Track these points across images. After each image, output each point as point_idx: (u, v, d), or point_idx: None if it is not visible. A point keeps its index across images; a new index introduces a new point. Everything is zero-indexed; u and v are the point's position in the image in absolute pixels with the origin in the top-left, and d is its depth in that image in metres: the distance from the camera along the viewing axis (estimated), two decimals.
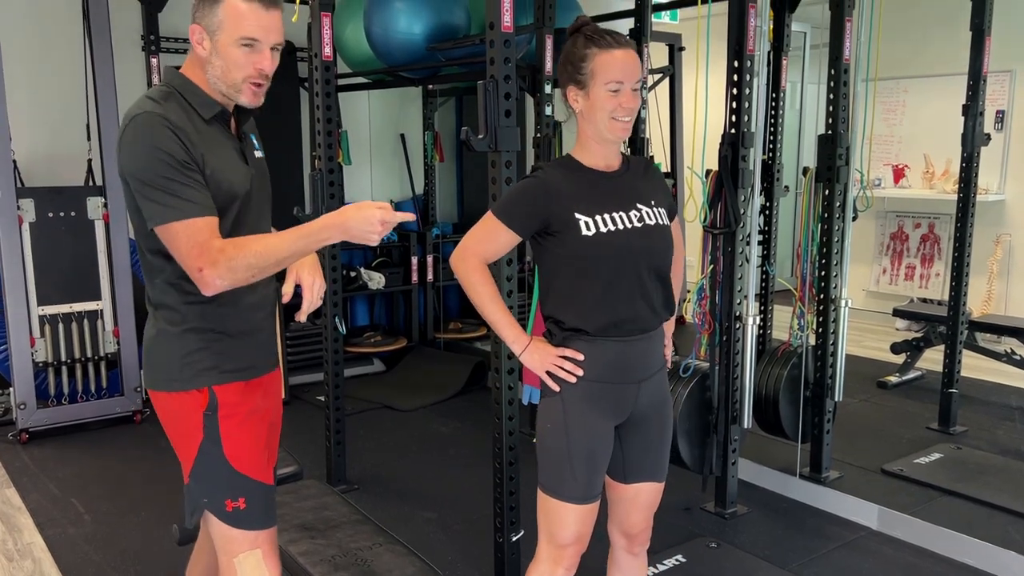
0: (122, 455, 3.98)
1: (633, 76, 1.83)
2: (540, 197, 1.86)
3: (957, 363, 4.18)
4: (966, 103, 4.05)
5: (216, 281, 1.62)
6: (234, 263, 1.60)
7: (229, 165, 1.75)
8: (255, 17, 1.68)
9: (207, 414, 1.78)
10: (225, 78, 1.72)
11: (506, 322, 1.96)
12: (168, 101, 1.71)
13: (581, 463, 1.89)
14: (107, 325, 4.31)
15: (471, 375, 4.91)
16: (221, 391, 1.79)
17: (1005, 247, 5.95)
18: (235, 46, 1.69)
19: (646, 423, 1.96)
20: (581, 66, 1.85)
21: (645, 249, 1.88)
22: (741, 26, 3.04)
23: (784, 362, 3.60)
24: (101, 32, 4.18)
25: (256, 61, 1.71)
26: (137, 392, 4.34)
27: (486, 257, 1.94)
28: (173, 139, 1.63)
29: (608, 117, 1.84)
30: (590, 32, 1.85)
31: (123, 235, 4.29)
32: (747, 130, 3.10)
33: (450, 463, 3.90)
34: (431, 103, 5.64)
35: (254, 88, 1.74)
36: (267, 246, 1.63)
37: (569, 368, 1.88)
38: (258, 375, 1.88)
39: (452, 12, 4.30)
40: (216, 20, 1.68)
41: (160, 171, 1.62)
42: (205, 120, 1.73)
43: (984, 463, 3.74)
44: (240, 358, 1.83)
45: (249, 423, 1.83)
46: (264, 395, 1.90)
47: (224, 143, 1.77)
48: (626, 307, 1.87)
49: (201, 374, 1.78)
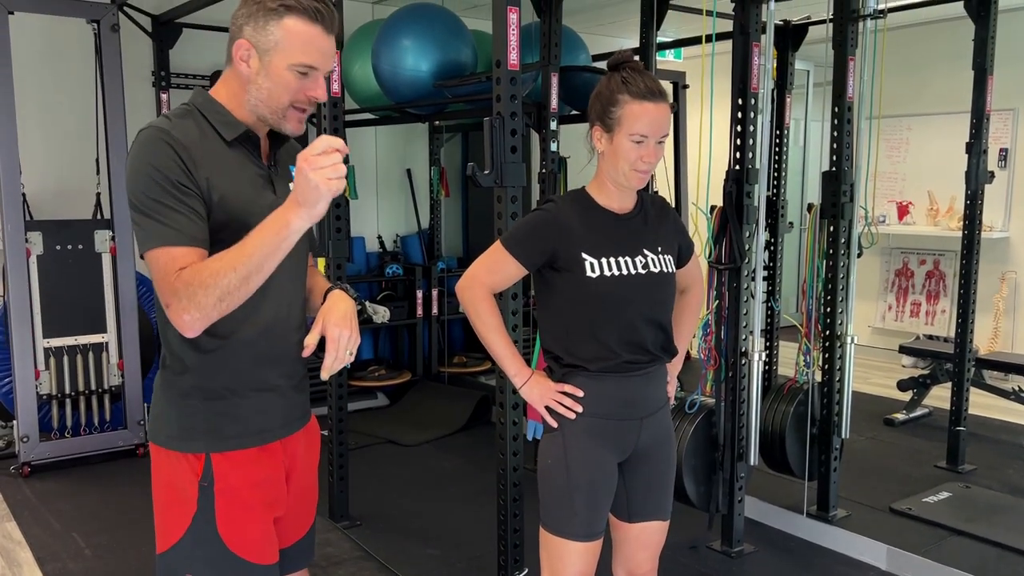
0: (124, 489, 3.95)
1: (660, 131, 1.83)
2: (550, 232, 1.87)
3: (965, 401, 4.15)
4: (970, 141, 4.07)
5: (184, 316, 1.40)
6: (192, 289, 1.38)
7: (246, 191, 1.55)
8: (316, 42, 1.51)
9: (202, 485, 1.56)
10: (270, 102, 1.54)
11: (508, 354, 1.96)
12: (184, 119, 1.53)
13: (583, 499, 1.88)
14: (112, 358, 4.31)
15: (475, 410, 4.89)
16: (220, 460, 1.57)
17: (1011, 284, 5.94)
18: (290, 70, 1.51)
19: (649, 460, 1.95)
20: (611, 109, 1.84)
21: (645, 298, 1.88)
22: (745, 64, 3.07)
23: (790, 399, 3.58)
24: (112, 67, 4.24)
25: (309, 88, 1.54)
26: (140, 425, 4.33)
27: (493, 286, 1.94)
28: (171, 157, 1.45)
29: (628, 167, 1.84)
30: (627, 75, 1.84)
31: (130, 268, 4.30)
32: (751, 166, 3.12)
33: (453, 500, 3.87)
34: (437, 139, 5.69)
35: (299, 115, 1.57)
36: (224, 259, 1.39)
37: (568, 404, 1.87)
38: (274, 439, 1.64)
39: (459, 50, 4.35)
40: (271, 39, 1.49)
41: (150, 191, 1.44)
42: (227, 142, 1.55)
43: (994, 502, 3.69)
44: (248, 421, 1.60)
45: (252, 498, 1.60)
46: (282, 460, 1.67)
47: (246, 168, 1.58)
48: (622, 348, 1.87)
49: (199, 437, 1.57)
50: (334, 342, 1.57)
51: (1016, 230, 5.95)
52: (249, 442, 1.60)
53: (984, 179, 4.08)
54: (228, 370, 1.58)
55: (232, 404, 1.59)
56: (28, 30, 4.36)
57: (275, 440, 1.65)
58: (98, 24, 4.24)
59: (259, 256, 1.39)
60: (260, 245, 1.39)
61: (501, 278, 1.95)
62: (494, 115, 2.48)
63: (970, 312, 4.15)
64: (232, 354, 1.57)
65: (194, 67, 4.97)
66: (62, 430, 4.23)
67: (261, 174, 1.61)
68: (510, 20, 2.45)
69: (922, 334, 6.32)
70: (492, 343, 1.95)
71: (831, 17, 3.36)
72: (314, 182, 1.34)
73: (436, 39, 4.28)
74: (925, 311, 6.46)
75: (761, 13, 3.04)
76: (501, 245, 1.92)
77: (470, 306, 1.95)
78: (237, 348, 1.57)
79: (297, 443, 1.71)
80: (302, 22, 1.49)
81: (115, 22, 4.24)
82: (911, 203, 6.46)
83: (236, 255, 1.39)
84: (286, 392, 1.67)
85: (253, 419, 1.61)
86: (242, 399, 1.60)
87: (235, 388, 1.59)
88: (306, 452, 1.75)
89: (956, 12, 4.57)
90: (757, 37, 3.05)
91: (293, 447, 1.70)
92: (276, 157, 1.66)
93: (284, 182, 1.64)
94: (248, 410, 1.61)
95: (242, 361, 1.59)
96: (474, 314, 1.95)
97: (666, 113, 1.84)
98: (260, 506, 1.62)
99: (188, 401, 1.58)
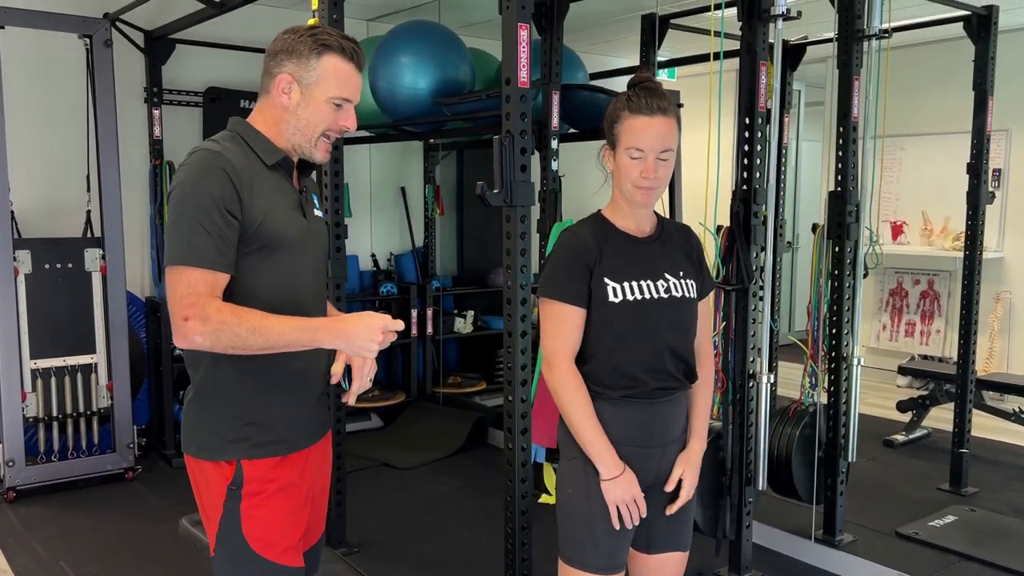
0: (113, 515, 3.84)
1: (657, 145, 1.78)
2: (584, 258, 1.82)
3: (968, 423, 4.11)
4: (971, 161, 4.07)
5: (196, 337, 1.54)
6: (223, 328, 1.53)
7: (284, 211, 1.69)
8: (351, 79, 1.69)
9: (231, 488, 1.67)
10: (307, 130, 1.70)
11: (601, 444, 1.80)
12: (232, 143, 1.68)
13: (604, 530, 1.81)
14: (101, 379, 4.21)
15: (471, 431, 4.81)
16: (250, 467, 1.68)
17: (1006, 304, 5.94)
18: (328, 103, 1.68)
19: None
20: (613, 127, 1.83)
21: (668, 321, 1.83)
22: (752, 83, 3.04)
23: (796, 422, 3.53)
24: (105, 83, 4.17)
25: (342, 118, 1.71)
26: (130, 448, 4.22)
27: (573, 348, 1.83)
28: (225, 182, 1.59)
29: (630, 184, 1.81)
30: (633, 92, 1.82)
31: (120, 287, 4.21)
32: (759, 186, 3.08)
33: (453, 524, 3.78)
34: (432, 156, 5.64)
35: (327, 144, 1.73)
36: (263, 324, 1.55)
37: (636, 514, 1.81)
38: (298, 448, 1.75)
39: (457, 68, 4.31)
40: (313, 74, 1.67)
41: (196, 210, 1.57)
42: (267, 166, 1.69)
43: (1000, 526, 3.65)
44: (276, 431, 1.71)
45: (275, 501, 1.70)
46: (304, 468, 1.77)
47: (283, 191, 1.72)
48: (647, 375, 1.82)
49: (229, 446, 1.68)
50: (359, 370, 1.72)
51: (1010, 250, 5.95)
52: (278, 450, 1.71)
53: (986, 199, 4.07)
54: (258, 383, 1.68)
55: (262, 415, 1.69)
56: (18, 45, 4.28)
57: (301, 449, 1.75)
58: (90, 39, 4.17)
59: (283, 346, 1.57)
60: (290, 339, 1.57)
61: (572, 332, 1.82)
62: (503, 133, 2.43)
63: (972, 333, 4.13)
64: (264, 368, 1.67)
65: (187, 83, 4.91)
66: (49, 454, 4.12)
67: (295, 198, 1.75)
68: (520, 37, 2.41)
69: (917, 354, 6.30)
70: (581, 429, 1.81)
71: (836, 36, 3.35)
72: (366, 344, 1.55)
73: (435, 56, 4.24)
74: (920, 331, 6.45)
75: (769, 32, 3.02)
76: (548, 299, 1.84)
77: (557, 388, 1.83)
78: (269, 363, 1.66)
79: (316, 454, 1.82)
80: (341, 60, 1.68)
81: (108, 37, 4.18)
82: (905, 223, 6.47)
83: (269, 329, 1.55)
84: (312, 404, 1.79)
85: (282, 428, 1.72)
86: (271, 410, 1.70)
87: (264, 400, 1.69)
88: (321, 464, 1.85)
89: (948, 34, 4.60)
90: (764, 56, 3.02)
91: (313, 457, 1.80)
92: (304, 184, 1.80)
93: (310, 208, 1.80)
94: (278, 420, 1.71)
95: (273, 376, 1.69)
96: (562, 394, 1.82)
97: (664, 127, 1.79)
98: (286, 510, 1.71)
99: (220, 413, 1.68)
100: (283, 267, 1.69)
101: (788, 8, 2.97)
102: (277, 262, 1.68)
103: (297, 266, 1.72)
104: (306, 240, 1.74)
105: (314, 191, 1.86)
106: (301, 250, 1.73)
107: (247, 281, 1.65)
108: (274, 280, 1.67)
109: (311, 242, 1.76)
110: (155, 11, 4.59)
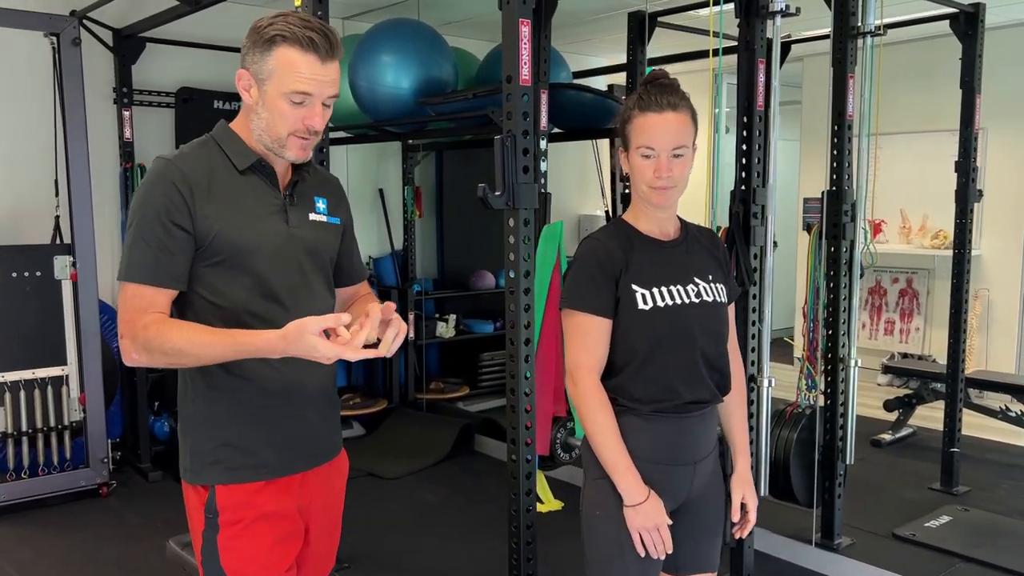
0: (89, 533, 3.68)
1: (669, 143, 1.69)
2: (610, 266, 1.72)
3: (958, 421, 4.10)
4: (959, 159, 4.06)
5: (132, 355, 1.48)
6: (150, 345, 1.46)
7: (249, 219, 1.56)
8: (310, 69, 1.50)
9: (207, 516, 1.56)
10: (270, 131, 1.55)
11: (625, 466, 1.70)
12: (198, 150, 1.58)
13: (635, 556, 1.72)
14: (73, 391, 4.04)
15: (457, 438, 4.71)
16: (225, 492, 1.55)
17: (984, 302, 5.98)
18: (283, 99, 1.52)
19: (702, 507, 1.81)
20: (625, 128, 1.75)
21: (701, 327, 1.75)
22: (751, 82, 2.98)
23: (793, 424, 3.48)
24: (73, 84, 4.00)
25: (305, 116, 1.53)
26: (104, 463, 4.06)
27: (600, 362, 1.73)
28: (170, 192, 1.50)
29: (645, 185, 1.73)
30: (644, 90, 1.73)
31: (92, 296, 4.04)
32: (758, 186, 3.02)
33: (444, 536, 3.68)
34: (411, 157, 5.52)
35: (301, 142, 1.56)
36: (189, 342, 1.44)
37: (661, 544, 1.70)
38: (284, 473, 1.60)
39: (440, 67, 4.21)
40: (266, 68, 1.52)
41: (140, 224, 1.50)
42: (239, 170, 1.57)
43: (996, 526, 3.64)
44: (256, 454, 1.57)
45: (256, 532, 1.56)
46: (299, 496, 1.63)
47: (258, 196, 1.59)
48: (681, 384, 1.73)
49: (204, 469, 1.57)
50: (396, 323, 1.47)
51: (988, 248, 5.99)
52: (258, 475, 1.57)
53: (974, 197, 4.07)
54: (236, 401, 1.57)
55: (238, 435, 1.57)
56: None
57: (290, 474, 1.61)
58: (57, 38, 4.00)
59: (217, 359, 1.48)
60: (223, 355, 1.46)
61: (597, 344, 1.72)
62: (504, 133, 2.34)
63: (962, 331, 4.12)
64: (243, 384, 1.56)
65: (158, 84, 4.74)
66: (19, 470, 3.93)
67: (275, 203, 1.61)
68: (522, 33, 2.32)
69: (897, 352, 6.32)
70: (606, 450, 1.70)
71: (832, 33, 3.30)
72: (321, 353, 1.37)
73: (417, 55, 4.14)
74: (899, 329, 6.47)
75: (766, 29, 2.96)
76: (572, 311, 1.73)
77: (582, 404, 1.72)
78: (249, 379, 1.55)
79: (316, 480, 1.67)
80: (293, 50, 1.50)
81: (76, 35, 4.01)
82: (883, 221, 6.47)
83: (197, 345, 1.44)
84: (308, 425, 1.64)
85: (263, 452, 1.58)
86: (249, 428, 1.57)
87: (243, 419, 1.57)
88: (325, 491, 1.69)
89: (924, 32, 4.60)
90: (762, 54, 2.97)
91: (312, 483, 1.65)
92: (295, 188, 1.65)
93: (301, 212, 1.64)
94: (257, 443, 1.58)
95: (251, 392, 1.57)
96: (586, 411, 1.72)
97: (676, 123, 1.70)
98: (267, 541, 1.58)
99: (198, 432, 1.58)
100: (256, 278, 1.55)
101: (787, 4, 2.92)
102: (248, 272, 1.55)
103: (275, 276, 1.56)
104: (286, 247, 1.58)
105: (321, 194, 1.70)
106: (280, 259, 1.57)
107: (216, 293, 1.54)
108: (246, 292, 1.54)
109: (294, 249, 1.60)
110: (125, 8, 4.44)
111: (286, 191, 1.63)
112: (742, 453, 1.90)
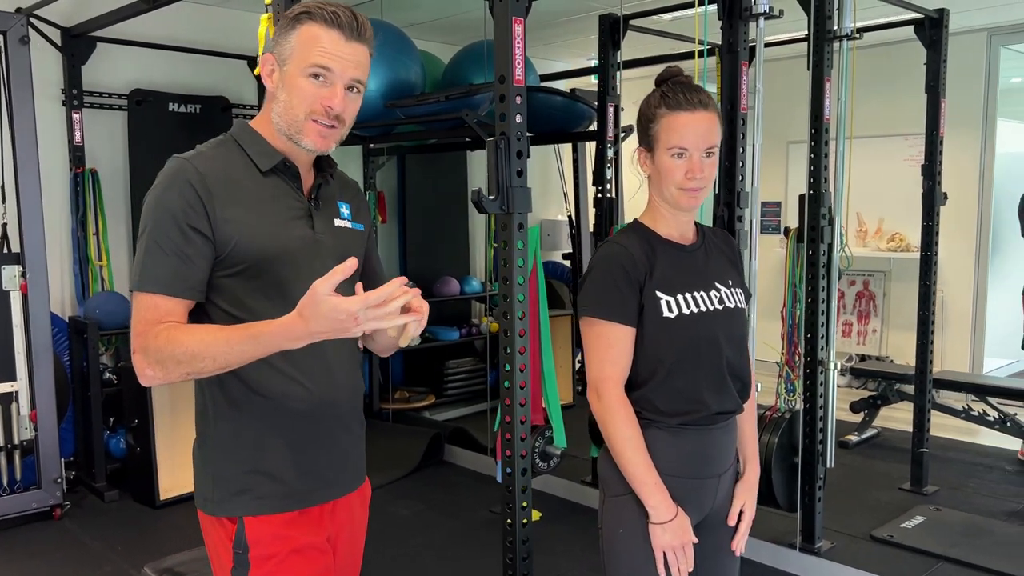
0: (42, 558, 3.48)
1: (703, 142, 1.64)
2: (630, 275, 1.65)
3: (927, 422, 4.15)
4: (925, 163, 4.12)
5: (146, 371, 1.36)
6: (162, 354, 1.34)
7: (270, 222, 1.45)
8: (332, 44, 1.41)
9: (236, 552, 1.44)
10: (287, 114, 1.44)
11: (653, 482, 1.63)
12: (216, 149, 1.47)
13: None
14: (23, 409, 3.82)
15: (427, 449, 4.60)
16: (254, 525, 1.44)
17: (939, 303, 6.09)
18: (303, 75, 1.42)
19: (723, 521, 1.76)
20: (649, 127, 1.68)
21: (726, 335, 1.69)
22: (734, 84, 2.96)
23: (774, 429, 3.47)
24: (22, 84, 3.79)
25: (325, 97, 1.41)
26: (57, 484, 3.85)
27: (623, 373, 1.66)
28: (187, 194, 1.38)
29: (675, 187, 1.66)
30: (667, 88, 1.68)
31: (44, 307, 3.84)
32: (742, 190, 3.00)
33: (421, 552, 3.57)
34: (373, 162, 5.40)
35: (320, 128, 1.43)
36: (202, 343, 1.32)
37: (685, 563, 1.64)
38: (316, 502, 1.50)
39: (408, 69, 4.13)
40: (288, 46, 1.43)
41: (154, 228, 1.39)
42: (262, 172, 1.47)
43: (969, 525, 3.68)
44: (286, 481, 1.46)
45: (291, 568, 1.45)
46: (331, 527, 1.53)
47: (281, 199, 1.48)
48: (708, 394, 1.67)
49: (230, 499, 1.45)
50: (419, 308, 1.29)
51: (942, 250, 6.10)
52: (289, 504, 1.46)
53: (940, 200, 4.13)
54: (263, 422, 1.45)
55: (269, 462, 1.45)
56: None
57: (320, 503, 1.51)
58: (4, 36, 3.79)
59: (239, 361, 1.34)
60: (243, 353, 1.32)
61: (621, 355, 1.65)
62: (498, 136, 2.27)
63: (929, 333, 4.17)
64: (270, 404, 1.45)
65: (109, 85, 4.55)
66: None
67: (299, 207, 1.50)
68: (515, 32, 2.25)
69: (855, 354, 6.41)
70: (632, 466, 1.63)
71: (808, 37, 3.30)
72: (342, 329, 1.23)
73: (384, 57, 4.03)
74: (857, 331, 6.56)
75: (750, 32, 2.95)
76: (594, 319, 1.65)
77: (605, 417, 1.65)
78: (276, 398, 1.45)
79: (343, 510, 1.56)
80: (317, 26, 1.42)
81: (24, 34, 3.80)
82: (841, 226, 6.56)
83: (212, 347, 1.32)
84: (343, 447, 1.54)
85: (295, 478, 1.47)
86: (279, 455, 1.46)
87: (272, 442, 1.46)
88: (351, 524, 1.58)
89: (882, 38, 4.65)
90: (746, 56, 2.95)
91: (341, 512, 1.54)
92: (319, 192, 1.54)
93: (326, 217, 1.54)
94: (289, 469, 1.46)
95: (280, 413, 1.46)
96: (611, 425, 1.64)
97: (708, 122, 1.65)
98: (304, 573, 1.47)
99: (222, 457, 1.46)
100: (280, 288, 1.43)
101: (770, 7, 2.91)
102: (272, 282, 1.43)
103: (301, 286, 1.38)
104: (313, 255, 1.47)
105: (344, 199, 1.60)
106: (306, 267, 1.44)
107: (237, 305, 1.43)
108: (269, 303, 1.42)
109: (321, 257, 1.47)
110: (74, 7, 4.26)
111: (310, 195, 1.53)
112: (752, 461, 1.85)
